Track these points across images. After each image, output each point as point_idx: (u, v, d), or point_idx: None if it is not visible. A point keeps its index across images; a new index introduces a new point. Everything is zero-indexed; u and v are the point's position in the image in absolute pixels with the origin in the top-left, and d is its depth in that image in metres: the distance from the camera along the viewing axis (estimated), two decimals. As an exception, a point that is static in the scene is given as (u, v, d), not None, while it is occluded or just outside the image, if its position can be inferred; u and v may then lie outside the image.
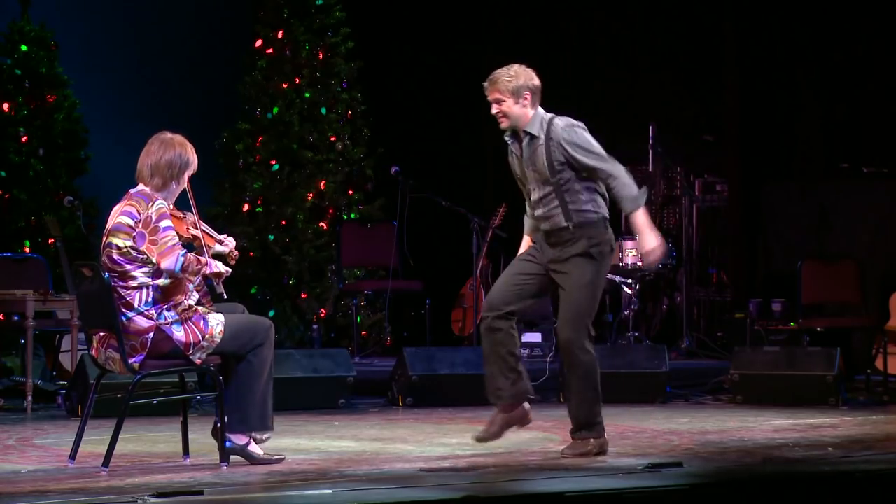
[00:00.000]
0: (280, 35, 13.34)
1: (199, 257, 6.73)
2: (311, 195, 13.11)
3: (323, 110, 13.25)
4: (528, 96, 7.06)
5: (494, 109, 7.10)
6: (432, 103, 14.16)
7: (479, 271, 12.05)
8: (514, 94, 7.05)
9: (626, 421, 8.75)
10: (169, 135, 6.83)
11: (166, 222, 6.65)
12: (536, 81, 7.13)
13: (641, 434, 8.20)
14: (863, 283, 11.01)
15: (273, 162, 13.14)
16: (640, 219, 6.98)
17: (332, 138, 13.25)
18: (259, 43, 13.40)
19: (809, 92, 13.14)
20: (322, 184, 13.14)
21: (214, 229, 7.15)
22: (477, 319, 12.10)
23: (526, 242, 7.29)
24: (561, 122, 7.07)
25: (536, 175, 7.06)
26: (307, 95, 13.23)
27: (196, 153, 6.84)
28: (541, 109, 7.13)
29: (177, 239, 6.65)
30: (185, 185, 6.83)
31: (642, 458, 6.81)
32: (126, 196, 6.77)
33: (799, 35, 13.11)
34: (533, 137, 7.06)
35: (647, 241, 7.00)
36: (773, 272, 12.79)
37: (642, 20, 13.76)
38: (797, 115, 13.25)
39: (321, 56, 13.33)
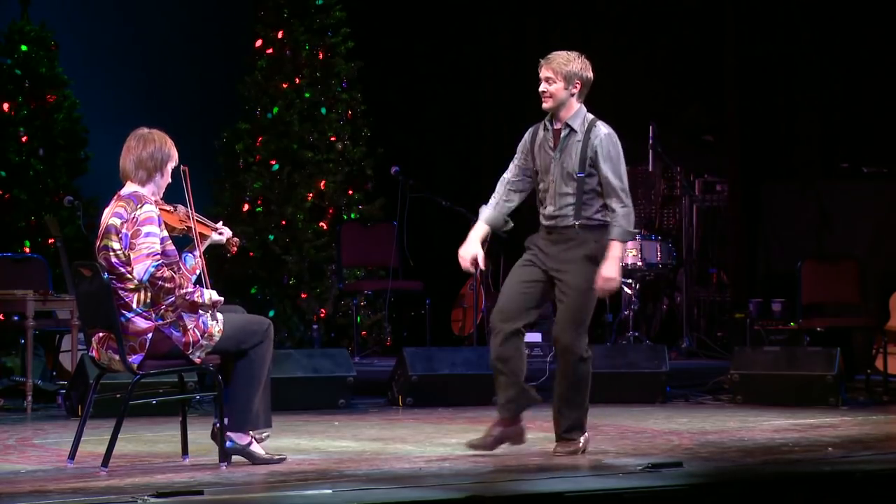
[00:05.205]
0: (280, 35, 13.32)
1: (176, 277, 6.62)
2: (311, 195, 13.10)
3: (323, 110, 13.23)
4: (579, 86, 7.04)
5: (542, 87, 7.02)
6: (432, 103, 14.15)
7: (478, 271, 12.04)
8: (567, 78, 7.00)
9: (626, 421, 8.75)
10: (146, 130, 6.88)
11: (149, 228, 6.61)
12: (590, 75, 7.11)
13: (641, 434, 8.19)
14: (863, 283, 11.01)
15: (273, 162, 13.13)
16: (618, 251, 6.98)
17: (332, 138, 13.23)
18: (259, 43, 13.38)
19: (809, 92, 13.13)
20: (322, 184, 13.12)
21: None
22: (477, 319, 12.10)
23: (480, 231, 7.16)
24: (605, 128, 7.07)
25: (562, 170, 7.02)
26: (307, 95, 13.22)
27: (176, 147, 6.86)
28: (584, 107, 7.09)
29: (154, 248, 6.57)
30: (171, 179, 6.85)
31: (642, 458, 6.80)
32: (116, 197, 6.79)
33: (798, 35, 13.10)
34: (572, 131, 7.03)
35: (612, 270, 6.97)
36: (773, 272, 12.78)
37: (642, 19, 13.74)
38: (797, 115, 13.23)
39: (321, 56, 13.31)
